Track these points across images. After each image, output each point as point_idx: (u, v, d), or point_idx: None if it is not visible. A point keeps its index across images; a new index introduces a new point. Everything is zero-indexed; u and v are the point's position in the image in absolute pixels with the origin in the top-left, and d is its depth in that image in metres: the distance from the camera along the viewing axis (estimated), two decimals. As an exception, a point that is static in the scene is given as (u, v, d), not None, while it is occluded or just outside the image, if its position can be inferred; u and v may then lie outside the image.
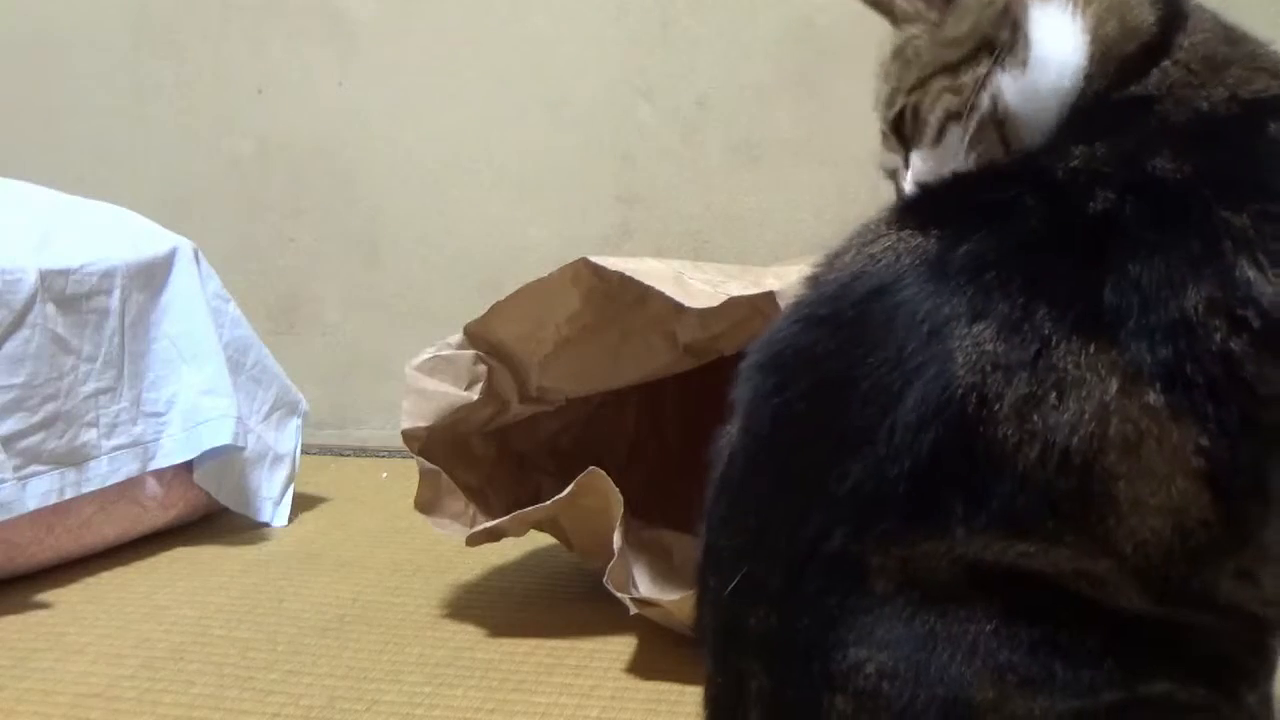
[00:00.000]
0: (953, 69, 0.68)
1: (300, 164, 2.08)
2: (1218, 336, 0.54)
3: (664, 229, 1.94)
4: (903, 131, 0.72)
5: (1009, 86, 0.66)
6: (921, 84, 0.70)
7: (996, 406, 0.54)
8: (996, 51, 0.66)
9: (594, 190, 1.96)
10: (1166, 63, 0.64)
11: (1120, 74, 0.64)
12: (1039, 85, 0.65)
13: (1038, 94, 0.65)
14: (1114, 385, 0.54)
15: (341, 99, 2.05)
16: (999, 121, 0.67)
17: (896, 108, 0.71)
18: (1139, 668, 0.56)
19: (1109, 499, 0.54)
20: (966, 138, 0.67)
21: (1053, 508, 0.54)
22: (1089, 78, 0.64)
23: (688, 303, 1.09)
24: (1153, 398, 0.54)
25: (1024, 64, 0.66)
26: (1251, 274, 0.55)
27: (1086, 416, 0.54)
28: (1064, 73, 0.65)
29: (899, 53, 0.72)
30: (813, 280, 0.64)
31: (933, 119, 0.69)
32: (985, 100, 0.66)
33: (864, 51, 0.77)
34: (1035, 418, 0.54)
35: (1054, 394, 0.54)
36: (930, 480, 0.55)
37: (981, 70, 0.67)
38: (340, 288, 2.09)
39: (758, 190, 1.90)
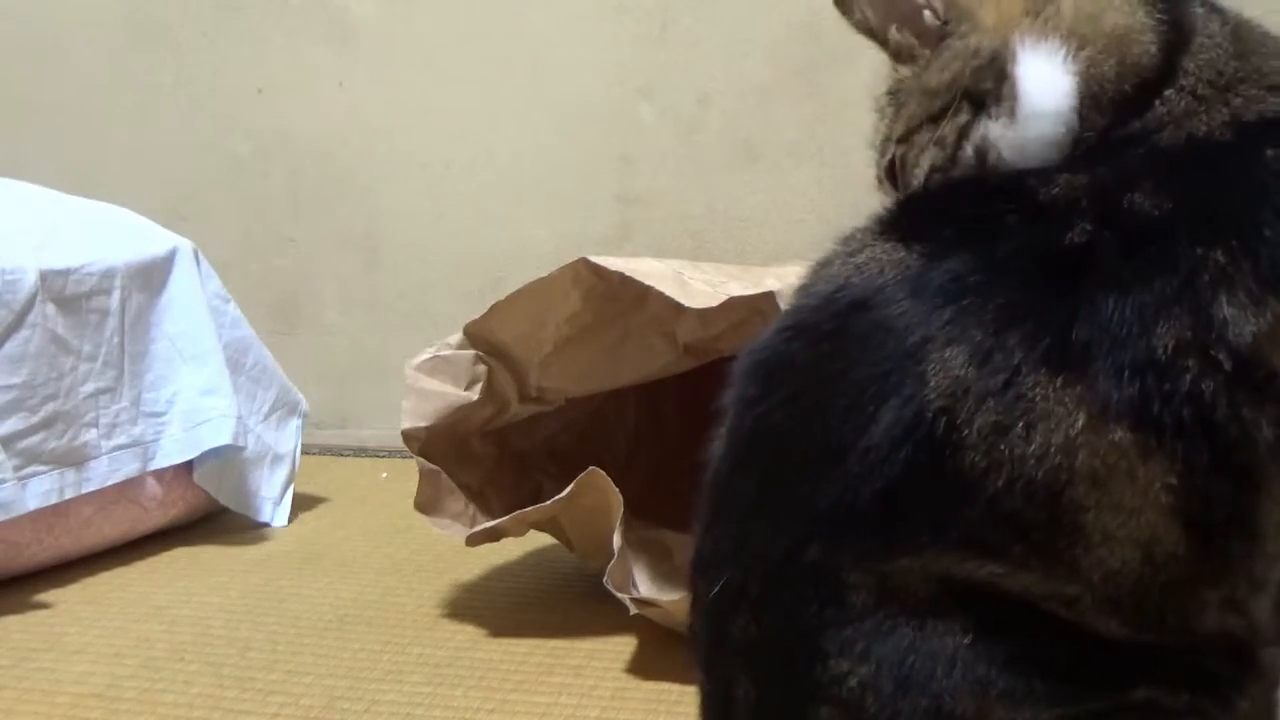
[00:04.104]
0: (935, 120, 0.66)
1: (300, 164, 2.08)
2: (1187, 378, 0.53)
3: (664, 229, 1.94)
4: (894, 179, 0.71)
5: (1000, 138, 0.64)
6: (908, 136, 0.69)
7: (965, 432, 0.54)
8: (980, 102, 0.64)
9: (594, 190, 1.96)
10: (1169, 91, 0.62)
11: (1119, 113, 0.62)
12: (1031, 136, 0.63)
13: (1030, 144, 0.63)
14: (1081, 420, 0.53)
15: (341, 99, 2.05)
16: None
17: (888, 157, 0.70)
18: (1120, 679, 0.56)
19: (1077, 529, 0.54)
20: None
21: (1019, 534, 0.54)
22: (1083, 120, 0.62)
23: (688, 303, 1.09)
24: (1120, 435, 0.53)
25: (1013, 115, 0.63)
26: (1230, 312, 0.54)
27: (1053, 449, 0.53)
28: (1056, 121, 0.62)
29: (894, 93, 0.71)
30: (801, 290, 0.64)
31: (918, 173, 0.67)
32: (969, 152, 0.65)
33: (864, 51, 0.76)
34: (1003, 446, 0.54)
35: (1022, 424, 0.54)
36: (903, 500, 0.55)
37: (962, 120, 0.65)
38: (340, 288, 2.09)
39: (758, 190, 1.90)
